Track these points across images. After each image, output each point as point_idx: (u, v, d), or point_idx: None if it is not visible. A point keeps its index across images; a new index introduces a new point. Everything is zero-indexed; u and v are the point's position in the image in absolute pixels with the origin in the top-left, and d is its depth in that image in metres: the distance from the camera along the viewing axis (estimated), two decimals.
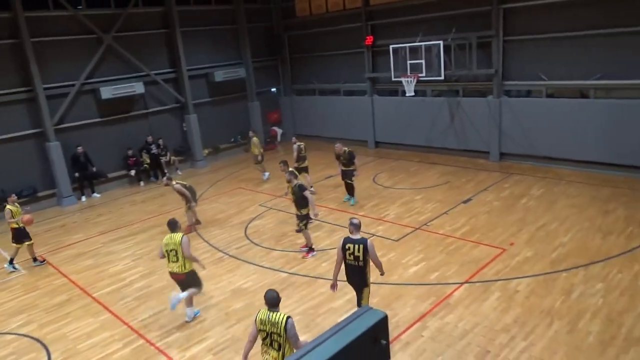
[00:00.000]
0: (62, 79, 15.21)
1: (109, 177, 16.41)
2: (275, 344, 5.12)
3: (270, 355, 5.19)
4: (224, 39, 19.30)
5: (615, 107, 12.53)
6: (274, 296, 5.19)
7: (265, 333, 5.16)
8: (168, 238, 7.62)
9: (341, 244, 6.58)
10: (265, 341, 5.20)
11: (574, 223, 10.10)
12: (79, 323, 8.15)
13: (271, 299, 5.18)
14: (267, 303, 5.19)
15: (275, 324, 5.06)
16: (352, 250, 6.48)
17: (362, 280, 6.68)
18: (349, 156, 12.13)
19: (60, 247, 11.68)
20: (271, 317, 5.10)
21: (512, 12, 14.00)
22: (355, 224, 6.65)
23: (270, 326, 5.10)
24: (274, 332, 5.08)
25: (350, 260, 6.55)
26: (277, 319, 5.06)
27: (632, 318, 6.77)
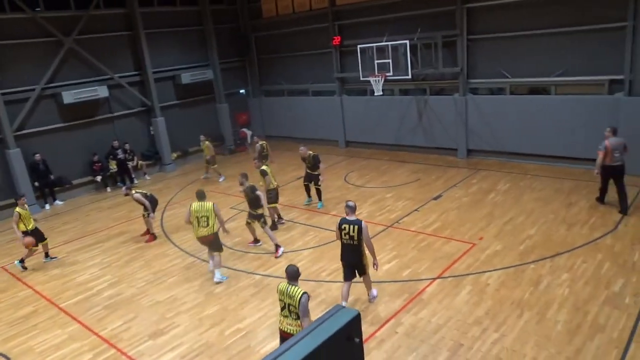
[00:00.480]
0: (22, 84, 14.70)
1: (73, 184, 15.95)
2: (293, 314, 5.61)
3: (288, 323, 5.69)
4: (190, 41, 19.05)
5: (575, 102, 12.94)
6: (295, 270, 5.67)
7: (284, 303, 5.67)
8: (198, 206, 8.84)
9: (338, 224, 7.27)
10: (283, 310, 5.72)
11: (539, 216, 10.38)
12: (47, 335, 7.89)
13: (292, 273, 5.65)
14: (288, 276, 5.65)
15: (292, 297, 5.55)
16: (347, 230, 7.12)
17: (358, 260, 7.25)
18: (314, 160, 12.01)
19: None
20: (289, 290, 5.59)
21: (475, 12, 14.30)
22: (350, 206, 7.27)
23: (288, 298, 5.59)
24: (291, 304, 5.58)
25: (346, 239, 7.19)
26: (294, 292, 5.54)
27: (597, 306, 7.01)
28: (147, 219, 11.32)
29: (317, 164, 11.99)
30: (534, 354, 6.15)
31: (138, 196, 11.04)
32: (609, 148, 9.89)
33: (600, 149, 10.00)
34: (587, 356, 6.02)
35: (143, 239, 11.47)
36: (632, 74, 11.93)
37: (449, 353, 6.36)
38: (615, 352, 6.04)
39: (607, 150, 9.89)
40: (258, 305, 8.10)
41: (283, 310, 5.72)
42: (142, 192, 11.36)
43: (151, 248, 11.00)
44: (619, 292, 7.28)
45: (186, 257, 10.32)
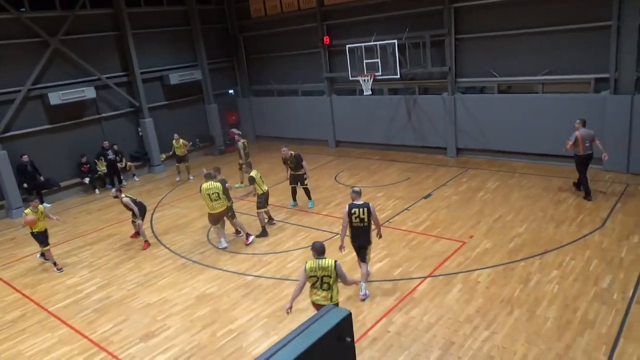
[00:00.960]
0: (7, 85, 14.51)
1: (61, 186, 15.78)
2: (325, 285, 6.09)
3: (320, 295, 6.14)
4: (178, 41, 18.93)
5: (562, 101, 13.08)
6: (322, 245, 6.20)
7: (316, 278, 6.09)
8: (209, 185, 10.02)
9: (347, 209, 7.71)
10: (315, 285, 6.14)
11: (528, 214, 10.48)
12: (36, 339, 7.80)
13: (320, 248, 6.16)
14: (316, 252, 6.13)
15: (325, 268, 6.03)
16: (357, 214, 7.66)
17: (367, 239, 7.84)
18: (296, 160, 11.88)
19: (11, 261, 11.14)
20: (321, 263, 6.07)
21: (462, 11, 14.39)
22: (357, 191, 7.88)
23: (321, 271, 6.04)
24: (325, 275, 6.04)
25: (357, 222, 7.70)
26: (327, 264, 6.05)
27: (586, 302, 7.09)
28: (137, 224, 11.10)
29: (300, 162, 11.87)
30: (524, 351, 6.21)
31: (127, 200, 10.79)
32: (579, 139, 10.59)
33: (570, 139, 10.72)
34: (576, 352, 6.09)
35: (136, 241, 11.35)
36: (617, 73, 12.09)
37: (441, 351, 6.40)
38: (604, 347, 6.12)
39: (578, 141, 10.61)
40: (250, 306, 8.08)
41: (315, 284, 6.13)
42: (131, 196, 11.10)
43: (141, 250, 10.91)
44: (607, 288, 7.37)
45: (177, 259, 10.25)
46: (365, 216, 7.64)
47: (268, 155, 18.65)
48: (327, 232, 10.67)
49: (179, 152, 16.13)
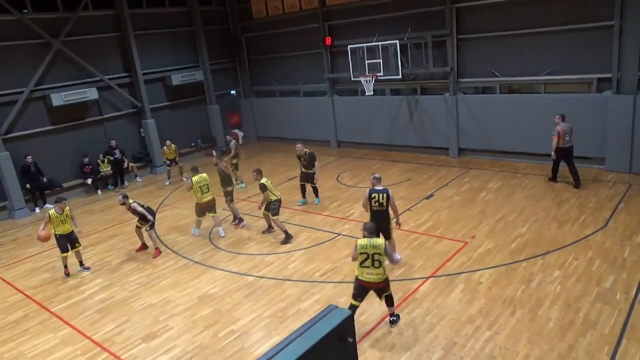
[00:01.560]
0: (9, 86, 14.55)
1: (63, 187, 15.82)
2: (377, 263, 6.51)
3: (374, 273, 6.56)
4: (180, 42, 18.97)
5: (564, 101, 13.05)
6: (374, 226, 6.80)
7: (367, 255, 6.49)
8: (198, 178, 10.88)
9: (367, 194, 8.37)
10: (366, 262, 6.54)
11: (530, 214, 10.46)
12: (38, 340, 7.82)
13: (372, 228, 6.70)
14: (368, 231, 6.61)
15: (377, 247, 6.48)
16: (377, 199, 8.27)
17: (386, 224, 8.36)
18: (310, 158, 12.00)
19: (14, 262, 11.18)
20: (372, 242, 6.50)
21: (464, 11, 14.37)
22: (377, 177, 8.54)
23: (372, 249, 6.47)
24: (376, 253, 6.46)
25: (376, 206, 8.30)
26: (378, 242, 6.51)
27: (588, 302, 7.07)
28: (148, 232, 10.53)
29: (313, 161, 11.97)
30: (526, 351, 6.19)
31: (135, 206, 10.26)
32: (561, 132, 11.33)
33: (554, 133, 11.42)
34: (579, 352, 6.07)
35: (138, 242, 11.35)
36: (619, 73, 12.06)
37: (443, 352, 6.39)
38: (607, 348, 6.10)
39: (560, 135, 11.34)
40: (252, 306, 8.09)
41: (365, 262, 6.52)
42: (139, 202, 10.62)
43: (143, 251, 10.91)
44: (610, 289, 7.35)
45: (179, 259, 10.27)
46: (384, 201, 8.23)
47: (269, 155, 18.67)
48: (329, 233, 10.67)
49: (171, 156, 16.31)
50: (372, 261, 6.50)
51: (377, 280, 6.62)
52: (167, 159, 16.40)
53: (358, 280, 6.72)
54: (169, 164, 16.38)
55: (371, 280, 6.61)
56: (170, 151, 16.23)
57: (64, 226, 9.79)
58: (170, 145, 16.21)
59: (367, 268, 6.56)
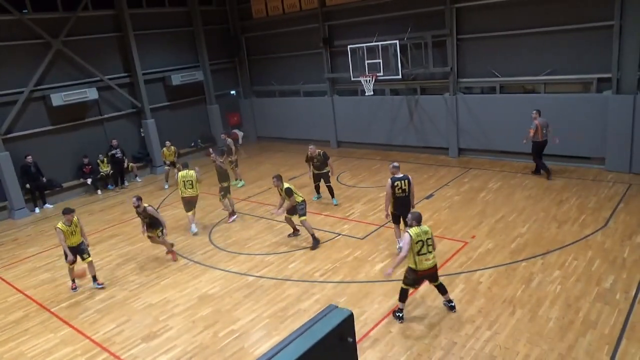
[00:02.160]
0: (9, 86, 14.56)
1: (63, 187, 15.82)
2: (430, 247, 6.74)
3: (430, 258, 6.77)
4: (180, 42, 18.97)
5: (564, 101, 13.06)
6: (420, 214, 6.93)
7: (422, 242, 6.67)
8: (184, 173, 11.32)
9: (390, 182, 8.65)
10: (422, 250, 6.69)
11: (530, 214, 10.46)
12: (38, 340, 7.82)
13: (419, 217, 6.87)
14: (417, 220, 6.81)
15: (426, 232, 6.75)
16: (400, 185, 8.64)
17: (408, 208, 8.66)
18: (323, 158, 12.01)
19: (13, 262, 11.17)
20: (422, 228, 6.75)
21: (464, 11, 14.38)
22: (396, 166, 8.80)
23: (424, 235, 6.70)
24: (429, 238, 6.73)
25: (399, 193, 8.67)
26: (426, 228, 6.79)
27: (588, 302, 7.07)
28: (161, 238, 10.05)
29: (327, 160, 12.07)
30: (526, 351, 6.19)
31: (152, 210, 9.84)
32: (539, 126, 12.11)
33: (532, 127, 12.18)
34: (579, 352, 6.07)
35: (138, 242, 11.35)
36: (619, 73, 12.06)
37: (443, 352, 6.39)
38: (606, 348, 6.10)
39: (538, 129, 12.12)
40: (251, 306, 8.08)
41: (421, 250, 6.67)
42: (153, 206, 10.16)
43: (143, 251, 10.93)
44: (610, 289, 7.36)
45: (179, 259, 10.26)
46: (406, 187, 8.64)
47: (270, 155, 18.67)
48: (329, 233, 10.67)
49: (171, 158, 16.02)
50: (427, 246, 6.71)
51: (433, 265, 6.86)
52: (167, 160, 16.18)
53: (415, 272, 6.82)
54: (168, 164, 16.12)
55: (429, 266, 6.80)
56: (170, 153, 15.99)
57: (73, 238, 9.03)
58: (170, 147, 15.98)
59: (425, 255, 6.72)
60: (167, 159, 16.09)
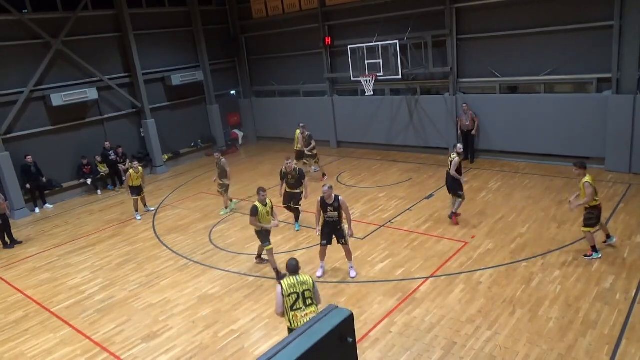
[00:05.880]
0: (9, 86, 14.56)
1: (63, 187, 15.82)
2: (309, 301, 5.72)
3: (310, 311, 5.70)
4: (180, 42, 18.97)
5: (564, 101, 13.06)
6: (297, 263, 5.85)
7: (297, 295, 5.67)
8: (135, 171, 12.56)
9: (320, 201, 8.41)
10: (297, 303, 5.67)
11: (530, 214, 10.46)
12: (38, 340, 7.82)
13: (294, 267, 5.81)
14: (291, 270, 5.79)
15: (305, 282, 5.73)
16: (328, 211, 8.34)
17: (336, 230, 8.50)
18: (299, 176, 10.81)
19: (13, 262, 11.17)
20: (299, 278, 5.74)
21: (464, 12, 14.38)
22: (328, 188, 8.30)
23: (301, 286, 5.70)
24: (306, 290, 5.71)
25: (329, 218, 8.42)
26: (305, 278, 5.77)
27: (588, 302, 7.07)
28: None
29: (302, 179, 10.85)
30: (526, 351, 6.19)
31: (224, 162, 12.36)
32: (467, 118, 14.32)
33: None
34: (579, 352, 6.07)
35: (138, 242, 11.35)
36: (619, 73, 12.06)
37: (443, 352, 6.39)
38: (606, 348, 6.10)
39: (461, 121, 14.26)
40: (251, 306, 8.09)
41: (296, 303, 5.64)
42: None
43: (143, 250, 10.94)
44: (610, 289, 7.36)
45: (179, 259, 10.27)
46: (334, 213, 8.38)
47: (270, 156, 18.68)
48: None
49: (137, 182, 12.78)
50: (304, 299, 5.68)
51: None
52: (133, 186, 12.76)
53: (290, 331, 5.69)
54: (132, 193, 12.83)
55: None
56: (138, 175, 12.77)
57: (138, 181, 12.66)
58: (137, 168, 12.77)
59: (301, 309, 5.66)
60: (135, 183, 12.77)
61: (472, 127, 14.51)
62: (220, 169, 12.42)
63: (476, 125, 14.54)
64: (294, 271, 5.78)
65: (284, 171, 10.94)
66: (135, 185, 12.79)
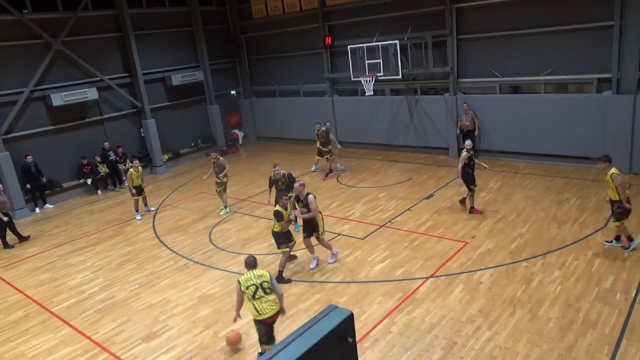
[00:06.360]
0: (9, 86, 14.56)
1: (63, 187, 15.82)
2: (268, 290, 6.16)
3: (272, 298, 6.17)
4: (180, 42, 18.97)
5: (564, 101, 13.06)
6: (254, 260, 6.39)
7: (255, 286, 6.12)
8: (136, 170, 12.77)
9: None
10: (258, 293, 6.12)
11: (530, 214, 10.46)
12: (38, 340, 7.82)
13: (252, 262, 6.34)
14: (249, 265, 6.30)
15: (262, 276, 6.19)
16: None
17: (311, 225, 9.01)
18: (289, 181, 10.63)
19: (14, 262, 11.17)
20: (255, 273, 6.21)
21: (464, 12, 14.38)
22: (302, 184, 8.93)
23: (258, 278, 6.15)
24: (264, 281, 6.16)
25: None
26: (262, 272, 6.25)
27: (588, 302, 7.07)
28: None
29: (293, 183, 10.34)
30: (526, 351, 6.19)
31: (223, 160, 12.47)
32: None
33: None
34: (579, 352, 6.07)
35: (138, 241, 11.35)
36: (619, 73, 12.06)
37: (443, 352, 6.39)
38: (607, 348, 6.10)
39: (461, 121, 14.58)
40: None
41: (257, 292, 6.10)
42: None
43: (143, 250, 10.94)
44: (610, 289, 7.36)
45: (179, 259, 10.27)
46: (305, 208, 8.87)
47: (270, 156, 18.66)
48: (329, 233, 10.66)
49: (137, 182, 12.84)
50: (264, 289, 6.10)
51: (276, 310, 6.21)
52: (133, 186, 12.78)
53: (262, 323, 6.19)
54: (134, 193, 12.84)
55: (272, 313, 6.14)
56: (138, 174, 12.85)
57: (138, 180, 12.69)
58: (137, 167, 12.89)
59: (264, 297, 6.08)
60: (135, 182, 12.83)
61: (472, 127, 14.48)
62: (218, 166, 12.35)
63: (476, 125, 14.52)
64: (251, 266, 6.30)
65: (272, 178, 10.86)
66: (136, 184, 12.82)
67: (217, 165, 12.42)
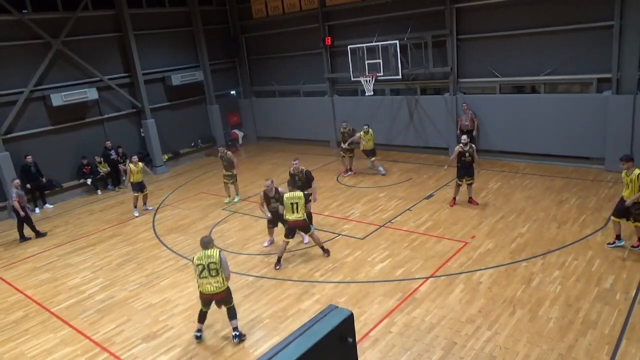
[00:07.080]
0: (9, 86, 14.56)
1: (63, 187, 15.82)
2: (214, 272, 6.78)
3: (212, 283, 6.81)
4: (180, 42, 18.97)
5: (564, 101, 13.06)
6: (208, 240, 6.94)
7: (202, 266, 6.76)
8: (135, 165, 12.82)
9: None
10: (203, 273, 6.79)
11: (530, 214, 10.46)
12: (38, 340, 7.82)
13: (206, 242, 6.89)
14: (202, 245, 6.88)
15: (211, 256, 6.77)
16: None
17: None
18: (306, 177, 10.43)
19: (14, 262, 11.17)
20: (207, 252, 6.79)
21: (464, 12, 14.38)
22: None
23: (207, 258, 6.75)
24: (211, 262, 6.75)
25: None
26: (212, 252, 6.80)
27: (588, 302, 7.07)
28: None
29: (310, 181, 10.43)
30: (526, 351, 6.19)
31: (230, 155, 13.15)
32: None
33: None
34: (579, 352, 6.07)
35: (138, 241, 11.36)
36: (619, 73, 12.06)
37: (443, 352, 6.39)
38: (606, 348, 6.10)
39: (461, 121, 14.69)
40: (251, 307, 8.08)
41: (202, 272, 6.77)
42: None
43: (143, 250, 10.94)
44: (610, 289, 7.36)
45: (179, 259, 10.27)
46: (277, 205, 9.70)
47: (270, 156, 18.68)
48: (329, 233, 10.67)
49: (137, 177, 12.91)
50: (209, 270, 6.76)
51: (219, 291, 6.88)
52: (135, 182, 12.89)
53: (200, 295, 7.04)
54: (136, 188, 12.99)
55: (212, 291, 6.85)
56: (138, 169, 12.87)
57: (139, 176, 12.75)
58: (137, 162, 12.89)
59: (206, 278, 6.80)
60: (135, 179, 12.92)
61: (472, 127, 14.47)
62: (227, 161, 13.00)
63: (476, 125, 14.52)
64: (204, 246, 6.85)
65: (290, 172, 10.79)
66: (137, 180, 12.94)
67: (226, 159, 13.01)
